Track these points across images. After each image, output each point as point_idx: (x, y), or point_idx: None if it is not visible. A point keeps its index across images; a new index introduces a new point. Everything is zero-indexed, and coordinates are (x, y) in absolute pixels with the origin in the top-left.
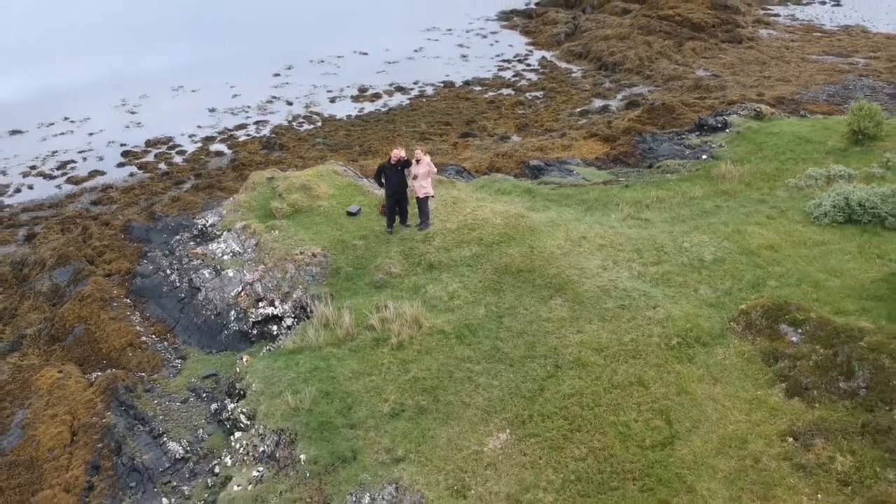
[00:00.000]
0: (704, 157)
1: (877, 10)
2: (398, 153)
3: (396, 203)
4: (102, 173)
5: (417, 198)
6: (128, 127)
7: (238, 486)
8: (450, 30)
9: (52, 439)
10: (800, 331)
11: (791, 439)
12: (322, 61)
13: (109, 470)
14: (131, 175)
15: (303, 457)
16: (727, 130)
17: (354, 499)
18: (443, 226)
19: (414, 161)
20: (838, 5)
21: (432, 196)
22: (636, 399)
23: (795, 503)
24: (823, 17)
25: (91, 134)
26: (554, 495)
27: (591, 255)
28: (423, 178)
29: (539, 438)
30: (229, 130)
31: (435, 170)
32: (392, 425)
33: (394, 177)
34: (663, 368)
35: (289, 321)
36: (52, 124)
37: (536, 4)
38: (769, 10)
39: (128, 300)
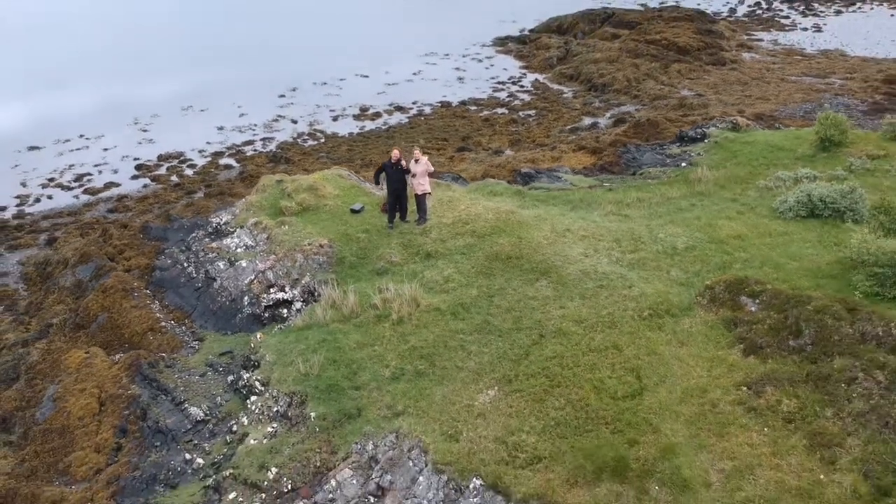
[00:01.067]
0: (683, 164)
1: (855, 36)
2: (397, 153)
3: (396, 200)
4: (117, 185)
5: (416, 195)
6: (140, 143)
7: (254, 440)
8: (447, 55)
9: (82, 409)
10: (757, 301)
11: (745, 388)
12: (325, 83)
13: (136, 433)
14: (145, 186)
15: (312, 414)
16: (705, 141)
17: (359, 447)
18: (439, 220)
19: (413, 160)
20: (819, 31)
21: (429, 193)
22: (610, 360)
23: (746, 438)
24: (804, 42)
25: (105, 149)
26: (536, 437)
27: (574, 244)
28: (421, 177)
29: (523, 393)
30: (237, 146)
31: (432, 169)
32: (393, 386)
33: (394, 175)
34: (635, 335)
35: (298, 304)
36: (67, 141)
37: (530, 31)
38: (753, 35)
39: (147, 291)
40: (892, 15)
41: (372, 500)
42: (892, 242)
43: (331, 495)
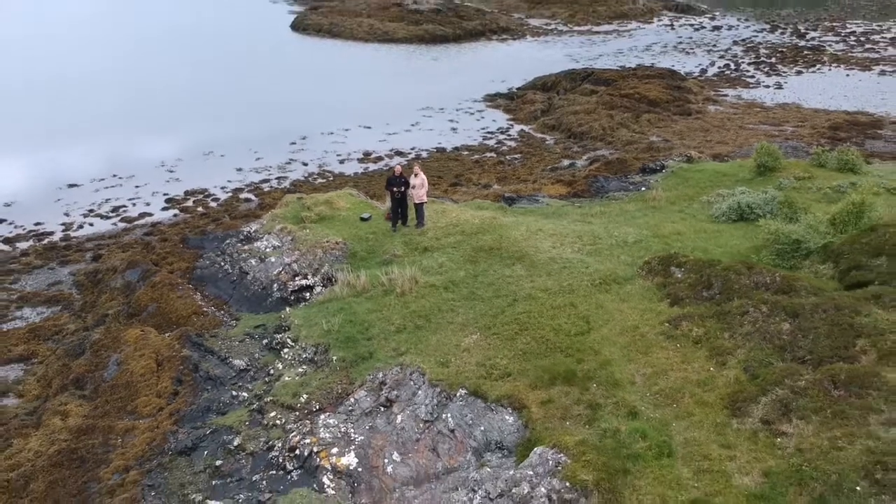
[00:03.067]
0: (643, 188)
1: (811, 92)
2: (399, 168)
3: (399, 207)
4: (150, 214)
5: (415, 203)
6: (168, 181)
7: (288, 377)
8: (442, 109)
9: (143, 368)
10: (682, 269)
11: (667, 324)
12: (332, 133)
13: (190, 381)
14: (175, 215)
15: (334, 358)
16: (664, 171)
17: (371, 376)
18: (434, 224)
19: (413, 175)
20: (780, 88)
21: (426, 202)
22: (567, 312)
23: (663, 354)
24: (765, 97)
25: (137, 186)
26: (507, 361)
27: (545, 240)
28: (419, 188)
29: (499, 336)
30: (255, 183)
31: (427, 182)
32: (397, 336)
33: (396, 186)
34: (588, 297)
35: (318, 288)
36: (102, 179)
37: (517, 89)
38: (719, 91)
39: (190, 286)
40: (847, 75)
41: (382, 409)
42: (791, 227)
43: (350, 408)
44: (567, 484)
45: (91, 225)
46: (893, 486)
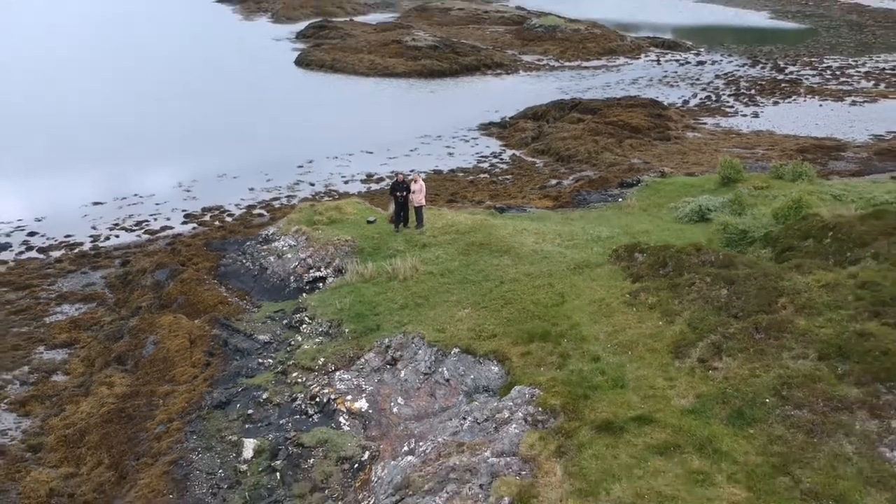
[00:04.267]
0: (620, 199)
1: (785, 120)
2: (401, 176)
3: (401, 210)
4: (171, 227)
5: (415, 207)
6: (185, 199)
7: (306, 346)
8: (439, 136)
9: (177, 346)
10: (643, 254)
11: (628, 295)
12: (336, 157)
13: (220, 354)
14: (194, 228)
15: (346, 330)
16: (639, 185)
17: (378, 343)
18: (432, 225)
19: (413, 181)
20: (756, 117)
21: (425, 205)
22: (545, 290)
23: (623, 317)
24: (742, 125)
25: (157, 204)
26: (493, 326)
27: (529, 237)
28: (419, 193)
29: (487, 309)
30: (266, 201)
31: (425, 188)
32: (400, 312)
33: (399, 191)
34: (564, 278)
35: (330, 279)
36: (124, 198)
37: (510, 119)
38: (699, 119)
39: (215, 281)
40: (820, 105)
41: (388, 366)
42: (738, 219)
43: (361, 367)
44: (539, 409)
45: (117, 237)
46: (794, 399)
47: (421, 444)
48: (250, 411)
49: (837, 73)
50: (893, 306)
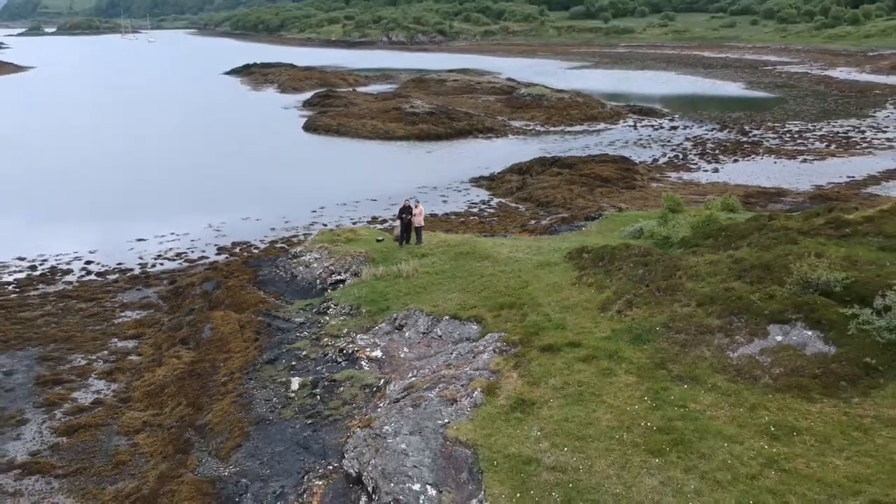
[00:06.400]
0: (583, 228)
1: (741, 174)
2: (406, 203)
3: (404, 230)
4: (207, 257)
5: (415, 227)
6: (216, 237)
7: (333, 322)
8: (435, 188)
9: (230, 329)
10: (588, 253)
11: (574, 279)
12: (345, 204)
13: (265, 332)
14: (227, 258)
15: (364, 310)
16: (600, 217)
17: (388, 317)
18: (429, 242)
19: (414, 206)
20: (716, 172)
21: (423, 226)
22: (514, 279)
23: (569, 292)
24: (702, 178)
25: (192, 240)
26: (474, 301)
27: (505, 248)
28: (419, 216)
29: (470, 292)
30: (286, 238)
31: (424, 212)
32: (405, 297)
33: (404, 215)
34: (529, 272)
35: (349, 280)
36: (164, 235)
37: (497, 173)
38: (664, 173)
39: (254, 287)
40: (774, 162)
41: (396, 330)
42: (662, 229)
43: (376, 331)
44: (504, 343)
45: (161, 264)
46: (675, 328)
47: (421, 371)
48: (293, 363)
49: (796, 136)
50: (751, 272)
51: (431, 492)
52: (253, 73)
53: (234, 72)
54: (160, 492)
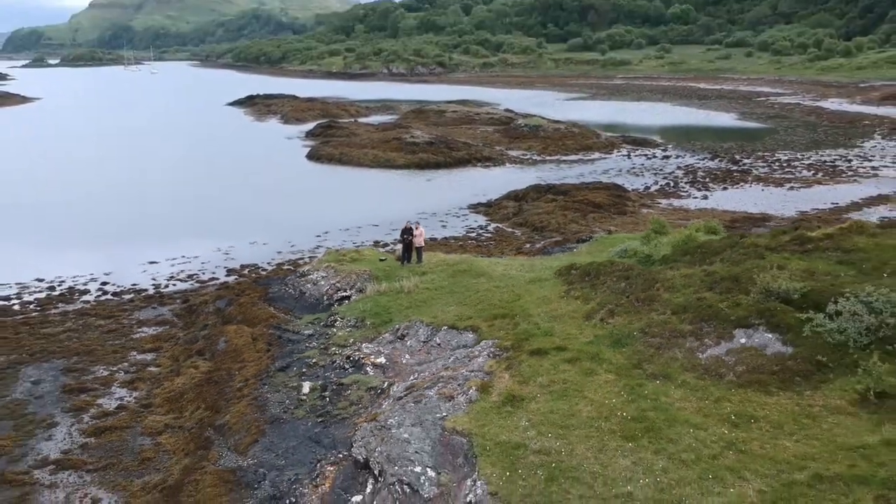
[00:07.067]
0: (574, 249)
1: (729, 201)
2: (407, 225)
3: (406, 250)
4: (218, 278)
5: (416, 247)
6: (225, 260)
7: (340, 333)
8: (434, 214)
9: (243, 341)
10: (576, 270)
11: (563, 292)
12: (348, 229)
13: (277, 343)
14: (236, 279)
15: (368, 322)
16: (591, 240)
17: (392, 328)
18: (428, 261)
19: (415, 228)
20: (705, 199)
21: (423, 247)
22: (507, 293)
23: (557, 304)
24: (691, 205)
25: (202, 263)
26: (470, 313)
27: (499, 267)
28: (419, 238)
29: (467, 306)
30: (293, 260)
31: (424, 233)
32: (406, 310)
33: (405, 236)
34: (522, 287)
35: (354, 296)
36: (175, 258)
37: (495, 200)
38: (655, 200)
39: (265, 303)
40: (762, 189)
41: (398, 339)
42: (644, 247)
43: (380, 341)
44: (497, 348)
45: (174, 285)
46: (651, 333)
47: (421, 374)
48: (304, 370)
49: (785, 164)
50: (721, 283)
51: (431, 473)
52: (256, 105)
53: (238, 103)
54: (185, 481)
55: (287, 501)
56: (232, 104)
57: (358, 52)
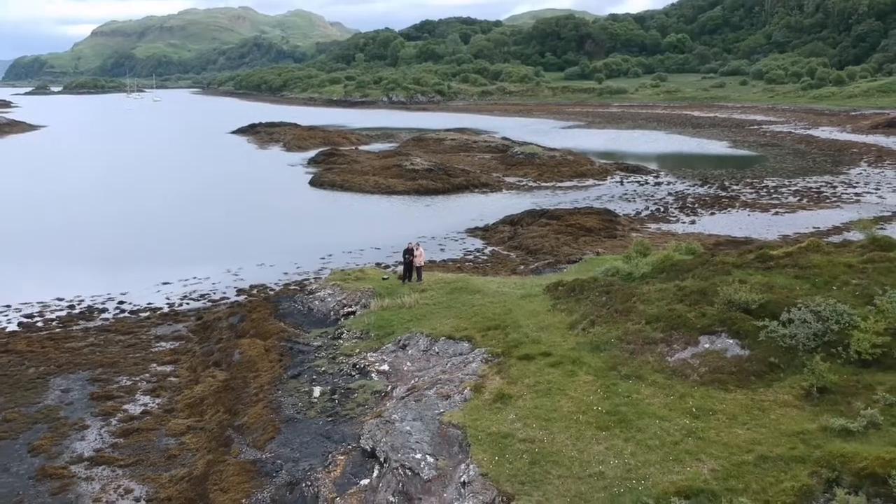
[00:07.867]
0: (564, 270)
1: (716, 225)
2: (410, 244)
3: (407, 269)
4: (228, 298)
5: (416, 267)
6: (235, 280)
7: (347, 344)
8: (433, 237)
9: (256, 353)
10: (563, 286)
11: (550, 306)
12: (351, 252)
13: (288, 354)
14: (246, 298)
15: (373, 334)
16: (580, 261)
17: (394, 340)
18: (428, 280)
19: (416, 248)
20: (693, 223)
21: (423, 266)
22: (500, 307)
23: (546, 317)
24: (679, 229)
25: (213, 284)
26: (466, 325)
27: (493, 284)
28: (419, 258)
29: (463, 319)
30: (299, 280)
31: (424, 254)
32: (408, 323)
33: (406, 256)
34: (513, 302)
35: (359, 311)
36: (187, 279)
37: (491, 225)
38: (645, 224)
39: (276, 319)
40: (748, 214)
41: (400, 349)
42: (626, 266)
43: (384, 350)
44: (490, 355)
45: (188, 304)
46: (627, 340)
47: (421, 378)
48: (314, 377)
49: (772, 190)
50: (690, 296)
51: (430, 459)
52: (259, 133)
53: (241, 131)
54: (210, 472)
55: (303, 485)
56: (235, 132)
57: (358, 80)
